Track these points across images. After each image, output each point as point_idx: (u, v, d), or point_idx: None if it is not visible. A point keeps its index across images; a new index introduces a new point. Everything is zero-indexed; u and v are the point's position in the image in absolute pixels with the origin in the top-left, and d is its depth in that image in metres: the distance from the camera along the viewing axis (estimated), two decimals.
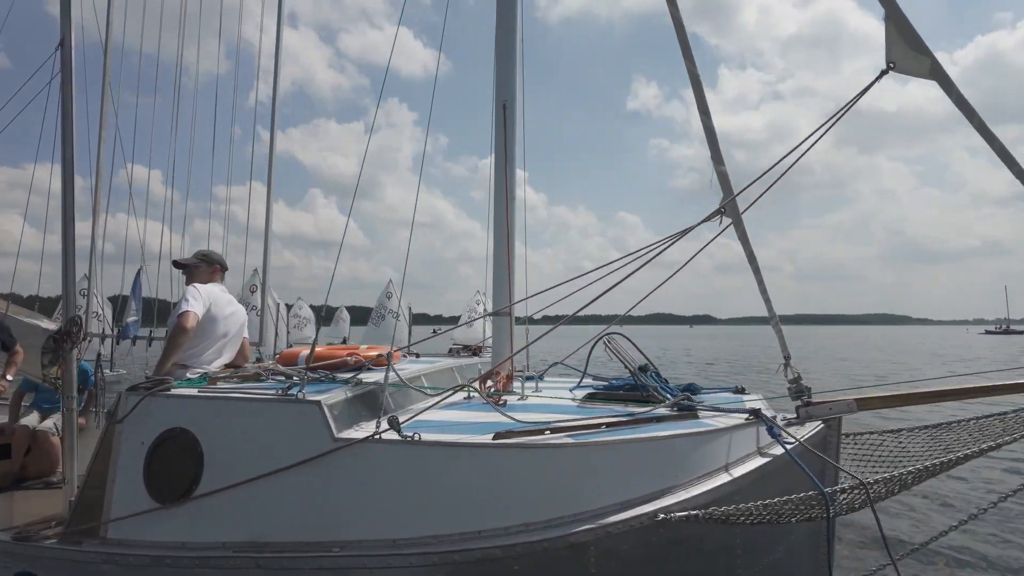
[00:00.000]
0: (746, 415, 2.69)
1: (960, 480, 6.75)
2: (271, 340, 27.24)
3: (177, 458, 2.59)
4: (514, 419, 2.57)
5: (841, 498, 2.41)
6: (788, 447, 2.54)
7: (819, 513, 2.36)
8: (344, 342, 34.48)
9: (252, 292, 24.93)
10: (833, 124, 3.06)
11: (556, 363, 4.26)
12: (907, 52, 2.93)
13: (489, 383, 3.26)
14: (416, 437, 2.34)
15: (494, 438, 2.33)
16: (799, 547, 2.82)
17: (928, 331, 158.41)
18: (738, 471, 2.46)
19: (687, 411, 2.84)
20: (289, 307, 48.27)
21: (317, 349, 3.59)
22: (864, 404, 2.90)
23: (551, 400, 3.28)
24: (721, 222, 3.22)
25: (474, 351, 37.73)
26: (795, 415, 3.02)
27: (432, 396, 2.93)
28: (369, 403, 2.75)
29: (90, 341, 5.17)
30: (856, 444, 3.26)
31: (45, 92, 4.39)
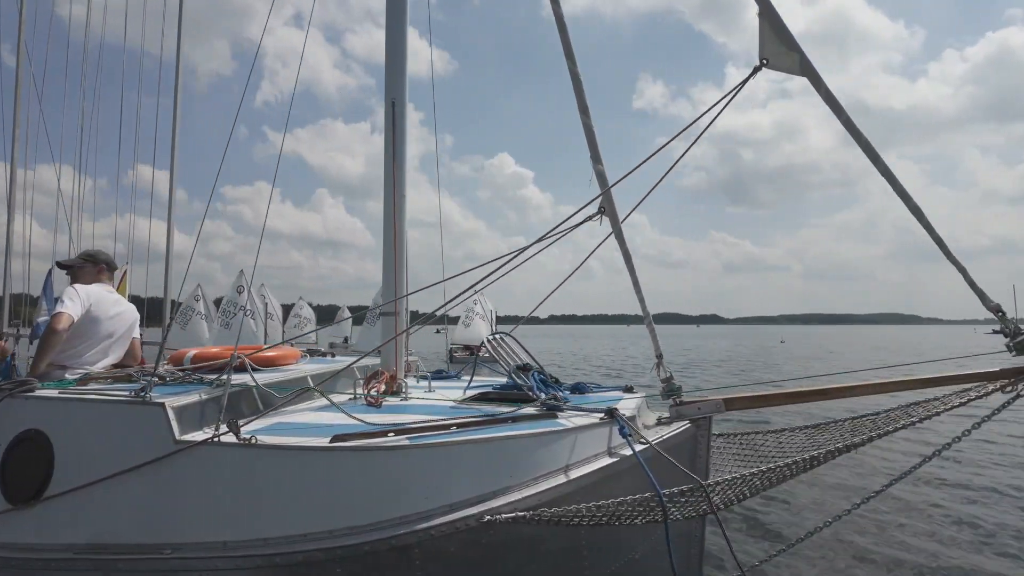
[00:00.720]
0: (600, 415, 2.67)
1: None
2: (261, 341, 27.21)
3: (30, 460, 2.59)
4: (363, 421, 2.56)
5: (681, 500, 2.38)
6: (638, 448, 2.52)
7: (658, 516, 2.34)
8: (345, 342, 34.61)
9: (239, 293, 25.03)
10: (711, 122, 3.04)
11: (472, 362, 4.26)
12: (779, 48, 2.90)
13: (373, 383, 3.25)
14: (253, 440, 2.33)
15: (331, 441, 2.32)
16: (664, 548, 2.79)
17: (934, 331, 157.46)
18: (578, 472, 2.43)
19: (552, 411, 2.82)
20: (289, 307, 48.43)
21: (212, 349, 3.60)
22: (731, 404, 2.89)
23: (431, 401, 3.27)
24: (601, 223, 3.21)
25: (472, 351, 37.91)
26: (667, 415, 3.01)
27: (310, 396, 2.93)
28: (230, 405, 2.75)
29: (5, 340, 5.20)
30: (741, 444, 3.24)
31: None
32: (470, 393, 3.44)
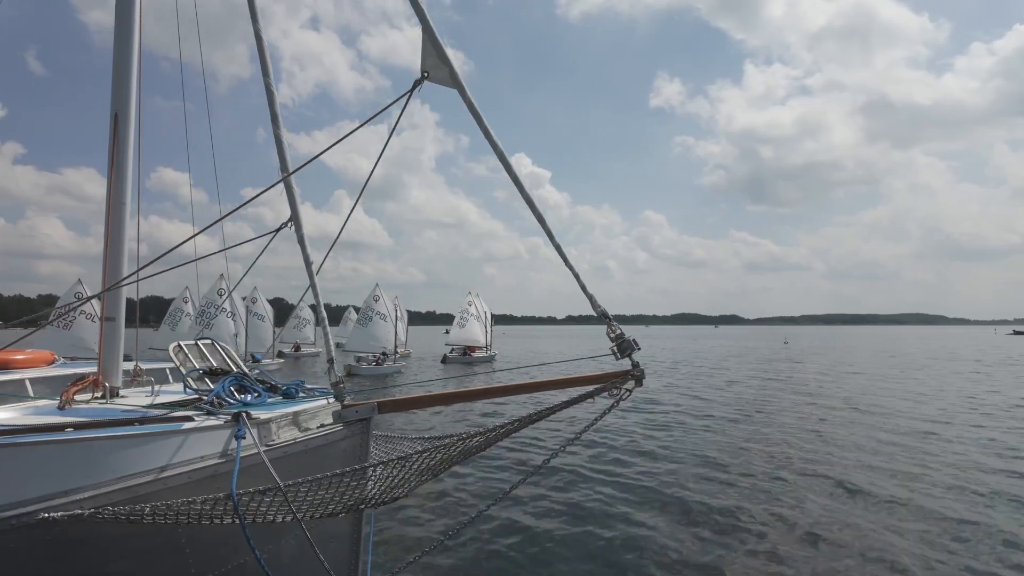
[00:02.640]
0: (227, 417, 2.76)
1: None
2: (241, 340, 27.52)
3: None
4: None
5: (265, 501, 2.46)
6: (244, 453, 2.61)
7: (231, 516, 2.42)
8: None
9: (220, 295, 25.44)
10: (393, 129, 3.12)
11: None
12: (436, 62, 3.00)
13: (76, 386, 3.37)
14: None
15: None
16: (307, 548, 2.87)
17: (958, 331, 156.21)
18: (172, 472, 2.53)
19: (208, 414, 2.92)
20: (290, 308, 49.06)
21: None
22: (383, 407, 3.00)
23: (122, 405, 3.37)
24: (292, 227, 3.32)
25: (467, 352, 37.98)
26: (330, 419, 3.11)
27: None
28: None
29: None
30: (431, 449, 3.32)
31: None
32: (173, 398, 3.53)
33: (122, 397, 3.54)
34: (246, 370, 3.54)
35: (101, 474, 2.43)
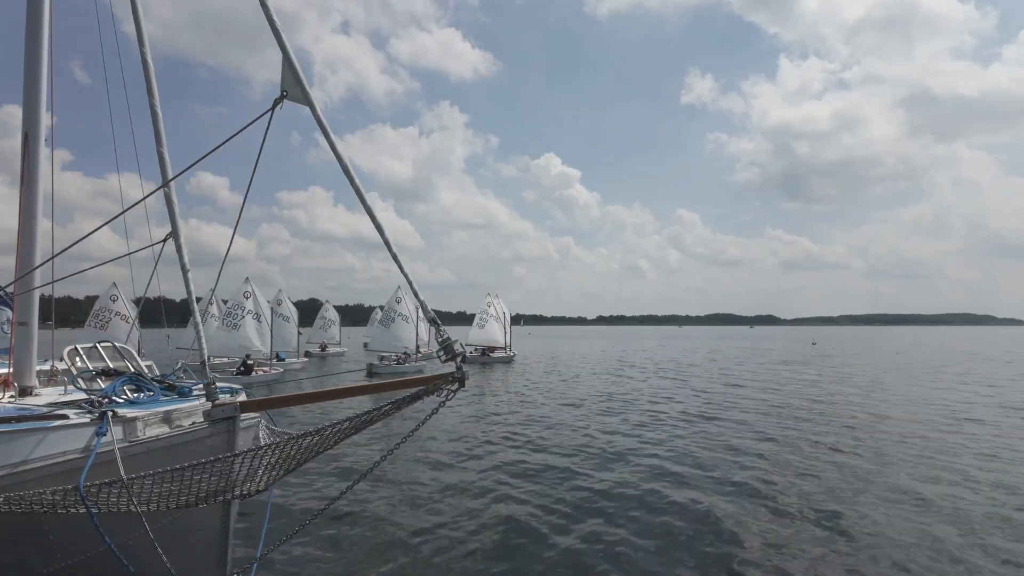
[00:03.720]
0: (95, 415, 2.99)
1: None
2: (267, 341, 28.26)
3: None
4: None
5: (110, 492, 2.67)
6: (100, 449, 2.83)
7: (77, 506, 2.64)
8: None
9: (247, 298, 26.20)
10: (263, 142, 3.31)
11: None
12: (293, 83, 3.19)
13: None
14: None
15: None
16: (177, 535, 3.08)
17: (1009, 332, 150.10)
18: (33, 465, 2.76)
19: (85, 412, 3.15)
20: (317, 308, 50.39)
21: None
22: (245, 407, 3.20)
23: (27, 403, 3.64)
24: (170, 241, 3.54)
25: (486, 353, 38.23)
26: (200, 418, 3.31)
27: None
28: None
29: None
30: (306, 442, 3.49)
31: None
32: (80, 396, 3.78)
33: (35, 396, 3.81)
34: (144, 371, 3.79)
35: None
